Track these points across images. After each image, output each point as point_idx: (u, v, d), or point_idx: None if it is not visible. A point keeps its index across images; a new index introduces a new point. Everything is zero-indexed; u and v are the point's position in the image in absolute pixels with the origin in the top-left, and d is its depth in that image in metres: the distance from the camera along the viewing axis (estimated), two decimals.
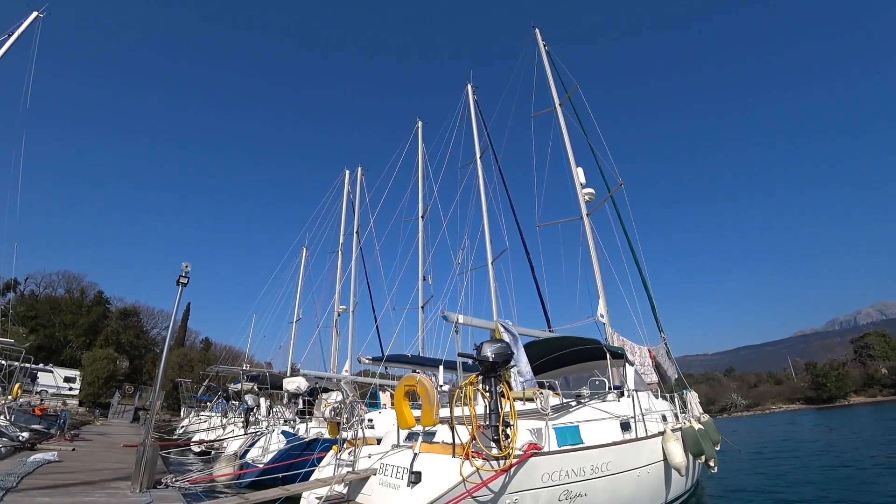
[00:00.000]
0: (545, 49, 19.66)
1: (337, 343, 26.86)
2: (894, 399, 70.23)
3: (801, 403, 79.38)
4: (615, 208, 15.49)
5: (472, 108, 21.51)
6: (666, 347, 13.22)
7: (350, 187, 31.72)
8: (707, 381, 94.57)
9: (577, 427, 7.52)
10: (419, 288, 20.94)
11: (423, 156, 25.02)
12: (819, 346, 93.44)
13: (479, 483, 5.85)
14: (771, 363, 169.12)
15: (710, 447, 10.29)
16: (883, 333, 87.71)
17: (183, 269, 13.64)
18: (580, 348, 11.90)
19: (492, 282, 16.44)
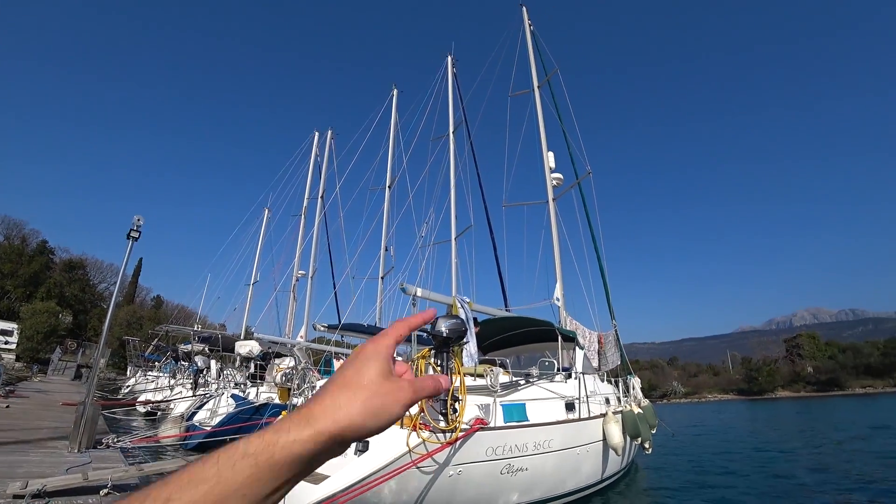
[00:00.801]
0: (530, 28, 19.42)
1: (294, 308, 26.49)
2: (815, 395, 75.90)
3: (734, 394, 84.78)
4: (581, 195, 15.78)
5: (450, 81, 21.16)
6: (616, 333, 13.74)
7: (318, 150, 30.79)
8: (651, 368, 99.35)
9: (523, 405, 7.78)
10: (380, 258, 20.78)
11: (395, 125, 24.54)
12: (756, 342, 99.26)
13: (425, 454, 6.02)
14: (712, 355, 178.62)
15: (647, 430, 10.90)
16: (813, 335, 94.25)
17: (135, 222, 13.07)
18: (534, 329, 12.22)
19: (453, 257, 16.52)
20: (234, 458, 0.39)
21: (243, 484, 0.38)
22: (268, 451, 0.40)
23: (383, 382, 0.47)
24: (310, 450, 0.42)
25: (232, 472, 0.38)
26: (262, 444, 0.40)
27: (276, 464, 0.40)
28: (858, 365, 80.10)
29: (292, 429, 0.42)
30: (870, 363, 79.34)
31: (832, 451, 15.41)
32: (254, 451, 0.40)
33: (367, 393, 0.46)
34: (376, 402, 0.46)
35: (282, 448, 0.41)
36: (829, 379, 79.69)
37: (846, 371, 79.72)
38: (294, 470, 0.42)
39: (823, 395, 75.86)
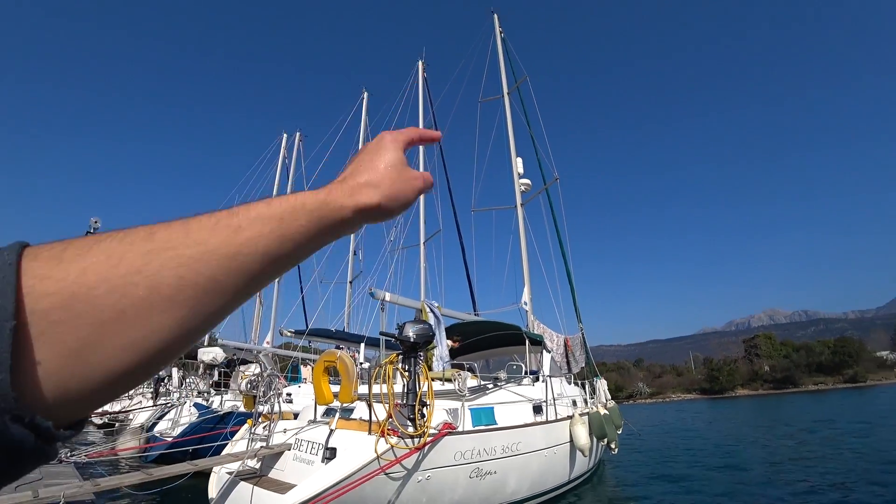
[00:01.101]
0: (501, 35, 19.64)
1: (260, 313, 25.92)
2: (772, 393, 79.15)
3: (697, 394, 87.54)
4: (549, 201, 16.05)
5: (420, 86, 21.22)
6: (583, 337, 13.98)
7: (286, 152, 30.33)
8: (618, 370, 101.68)
9: (491, 408, 7.84)
10: (349, 262, 20.59)
11: (365, 128, 24.44)
12: (717, 343, 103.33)
13: (393, 460, 5.97)
14: (675, 356, 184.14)
15: (613, 431, 11.13)
16: (770, 336, 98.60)
17: (91, 224, 12.56)
18: (502, 333, 12.34)
19: (422, 262, 16.54)
20: (295, 207, 0.42)
21: (297, 232, 0.41)
22: (321, 210, 0.44)
23: (403, 170, 0.53)
24: (348, 218, 0.46)
25: (293, 218, 0.41)
26: (317, 202, 0.44)
27: (325, 223, 0.44)
28: (811, 363, 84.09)
29: (340, 197, 0.46)
30: (821, 361, 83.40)
31: (782, 443, 16.14)
32: (311, 207, 0.43)
33: (392, 176, 0.51)
34: (398, 186, 0.51)
35: (331, 210, 0.44)
36: (784, 377, 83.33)
37: (800, 369, 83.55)
38: (332, 233, 0.46)
39: (779, 392, 79.19)
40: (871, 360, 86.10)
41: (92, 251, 0.31)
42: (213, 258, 0.35)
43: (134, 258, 0.32)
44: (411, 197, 0.53)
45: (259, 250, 0.38)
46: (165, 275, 0.32)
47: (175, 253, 0.33)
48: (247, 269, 0.37)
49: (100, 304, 0.29)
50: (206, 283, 0.34)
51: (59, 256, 0.30)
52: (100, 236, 0.33)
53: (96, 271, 0.30)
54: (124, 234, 0.33)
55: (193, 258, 0.34)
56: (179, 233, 0.35)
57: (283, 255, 0.40)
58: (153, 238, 0.34)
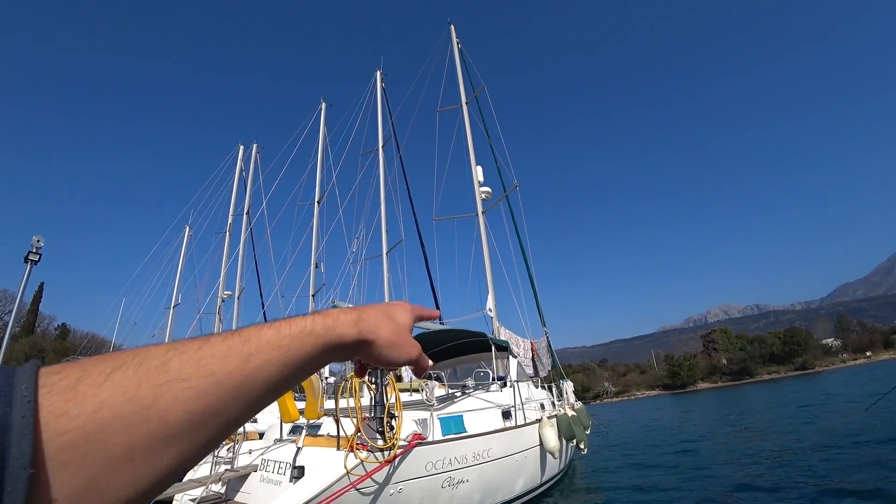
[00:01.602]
0: (458, 46, 19.84)
1: (220, 330, 25.01)
2: (731, 384, 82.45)
3: (661, 390, 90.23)
4: (509, 208, 16.25)
5: (379, 96, 21.15)
6: (547, 340, 14.18)
7: (243, 164, 29.49)
8: (584, 371, 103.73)
9: (461, 416, 7.83)
10: (311, 275, 20.17)
11: (324, 139, 24.09)
12: (677, 340, 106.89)
13: (364, 475, 5.88)
14: (639, 355, 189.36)
15: (581, 431, 11.32)
16: (725, 330, 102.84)
17: (34, 243, 11.81)
18: (468, 340, 12.37)
19: (385, 272, 16.40)
20: (302, 333, 0.43)
21: (301, 358, 0.43)
22: (327, 336, 0.45)
23: (408, 334, 0.57)
24: (348, 346, 0.48)
25: (300, 345, 0.42)
26: (323, 327, 0.45)
27: (327, 348, 0.46)
28: (764, 354, 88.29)
29: (343, 321, 0.48)
30: (773, 352, 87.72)
31: (738, 432, 16.84)
32: (318, 331, 0.45)
33: (399, 333, 0.55)
34: (399, 342, 0.54)
35: (336, 336, 0.46)
36: (740, 368, 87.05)
37: (754, 360, 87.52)
38: (331, 357, 0.47)
39: (737, 383, 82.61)
40: (817, 347, 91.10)
41: (107, 385, 0.30)
42: (223, 389, 0.36)
43: (147, 393, 0.32)
44: (403, 358, 0.56)
45: (264, 378, 0.39)
46: (176, 409, 0.33)
47: (187, 385, 0.34)
48: (251, 397, 0.38)
49: (111, 441, 0.29)
50: (212, 414, 0.35)
51: (74, 388, 0.29)
52: (116, 360, 0.33)
53: (111, 407, 0.30)
54: (139, 360, 0.33)
55: (204, 390, 0.35)
56: (192, 362, 0.35)
57: (284, 379, 0.41)
58: (167, 369, 0.34)
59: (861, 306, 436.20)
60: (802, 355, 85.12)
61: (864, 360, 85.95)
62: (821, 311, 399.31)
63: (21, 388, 0.27)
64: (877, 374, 42.70)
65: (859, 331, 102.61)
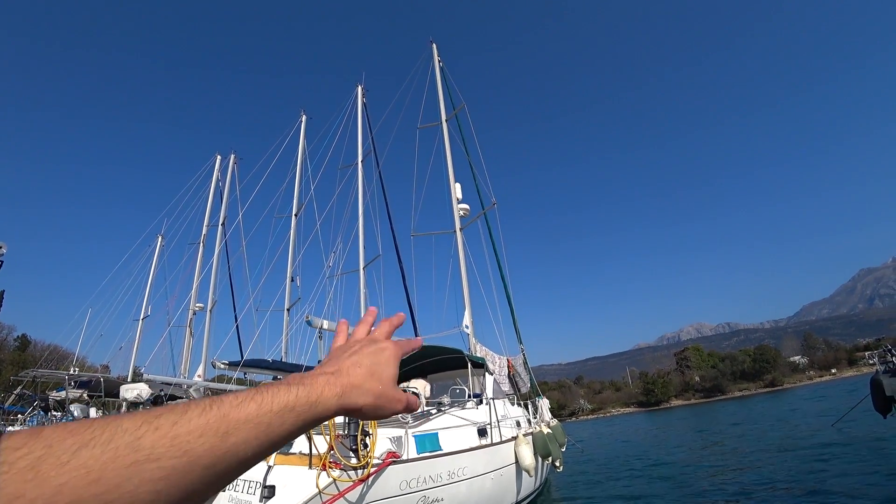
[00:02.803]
0: (439, 64, 20.11)
1: (190, 345, 24.31)
2: (703, 401, 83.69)
3: (635, 407, 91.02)
4: (487, 225, 16.38)
5: (359, 110, 21.18)
6: (524, 357, 14.24)
7: (220, 174, 29.04)
8: (559, 388, 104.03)
9: (436, 434, 7.76)
10: (286, 289, 19.84)
11: (303, 151, 23.94)
12: (651, 357, 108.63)
13: (336, 494, 5.76)
14: (614, 372, 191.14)
15: (557, 449, 11.32)
16: (698, 348, 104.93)
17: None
18: (444, 357, 12.32)
19: (362, 287, 16.27)
20: (283, 411, 0.42)
21: (280, 435, 0.42)
22: (309, 412, 0.44)
23: (393, 387, 0.55)
24: (328, 416, 0.48)
25: (280, 423, 0.41)
26: (306, 404, 0.44)
27: (308, 423, 0.45)
28: (735, 371, 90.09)
29: (326, 395, 0.47)
30: (744, 369, 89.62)
31: (708, 448, 17.11)
32: (300, 408, 0.43)
33: (382, 390, 0.53)
34: (383, 401, 0.53)
35: (318, 412, 0.45)
36: (712, 386, 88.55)
37: (726, 378, 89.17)
38: (311, 427, 0.47)
39: (709, 400, 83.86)
40: (785, 365, 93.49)
41: (71, 464, 0.28)
42: (196, 469, 0.34)
43: (115, 474, 0.29)
44: (389, 414, 0.56)
45: (239, 456, 0.38)
46: (143, 490, 0.30)
47: (157, 465, 0.32)
48: (222, 475, 0.37)
49: None
50: (180, 493, 0.33)
51: (35, 468, 0.27)
52: (84, 433, 0.30)
53: (72, 490, 0.27)
54: (109, 435, 0.31)
55: (176, 470, 0.33)
56: (166, 440, 0.33)
57: (259, 456, 0.40)
58: (139, 446, 0.31)
59: (826, 325, 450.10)
60: (772, 372, 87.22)
61: (830, 376, 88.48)
62: (788, 329, 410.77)
63: None
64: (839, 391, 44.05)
65: (825, 349, 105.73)
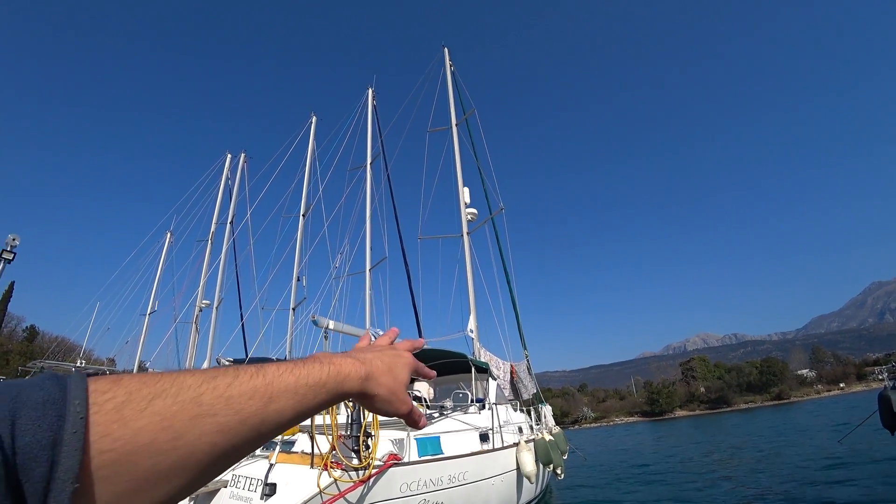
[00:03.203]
0: (451, 68, 20.22)
1: (196, 341, 24.46)
2: (708, 413, 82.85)
3: (639, 416, 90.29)
4: (494, 230, 16.42)
5: (369, 113, 21.31)
6: (528, 363, 14.21)
7: (230, 173, 29.28)
8: (563, 396, 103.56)
9: (437, 438, 7.76)
10: (292, 288, 19.93)
11: (312, 152, 24.08)
12: (656, 367, 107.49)
13: (337, 494, 5.78)
14: (618, 381, 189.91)
15: (559, 456, 11.27)
16: (704, 358, 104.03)
17: (9, 241, 11.56)
18: (448, 361, 12.31)
19: (368, 289, 16.32)
20: (318, 384, 0.48)
21: (311, 405, 0.47)
22: (337, 389, 0.50)
23: (404, 390, 0.61)
24: (352, 394, 0.53)
25: (314, 396, 0.47)
26: (336, 382, 0.50)
27: (334, 397, 0.50)
28: (741, 383, 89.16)
29: (353, 376, 0.53)
30: (750, 381, 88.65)
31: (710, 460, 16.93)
32: (331, 386, 0.49)
33: (395, 390, 0.59)
34: (394, 397, 0.59)
35: (345, 390, 0.52)
36: (718, 397, 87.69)
37: (732, 389, 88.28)
38: (333, 403, 0.52)
39: (714, 411, 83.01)
40: (793, 378, 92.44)
41: (147, 411, 0.33)
42: (245, 427, 0.40)
43: (180, 424, 0.35)
44: (394, 412, 0.61)
45: (278, 420, 0.43)
46: (203, 441, 0.36)
47: (215, 420, 0.37)
48: (264, 435, 0.43)
49: (143, 464, 0.32)
50: (231, 447, 0.39)
51: (119, 411, 0.32)
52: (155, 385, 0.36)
53: (149, 433, 0.33)
54: (177, 390, 0.36)
55: (230, 426, 0.38)
56: (222, 399, 0.39)
57: (293, 421, 0.46)
58: (200, 402, 0.37)
59: (835, 338, 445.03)
60: (778, 385, 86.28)
61: (838, 391, 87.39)
62: (796, 342, 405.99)
63: (74, 404, 0.30)
64: (849, 405, 43.47)
65: (833, 363, 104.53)
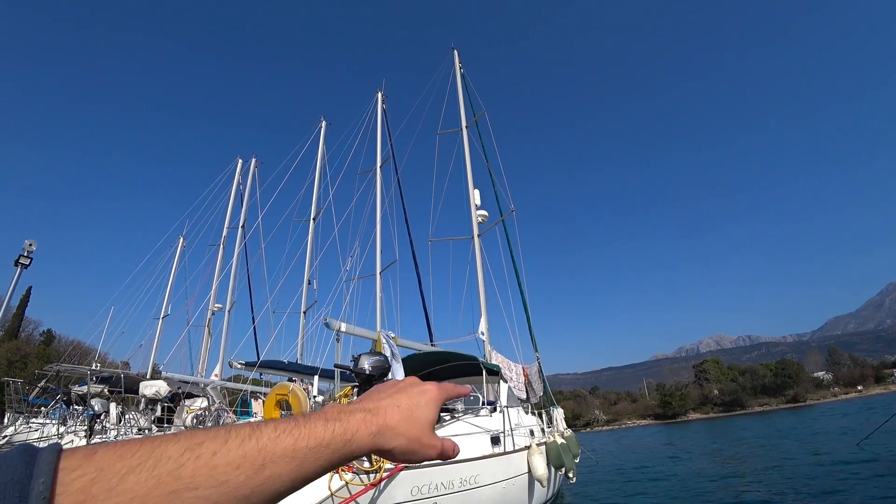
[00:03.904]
0: (461, 71, 20.22)
1: (208, 344, 24.71)
2: (722, 415, 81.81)
3: (652, 419, 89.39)
4: (505, 232, 16.35)
5: (379, 116, 21.36)
6: (539, 366, 14.09)
7: (241, 178, 29.65)
8: (574, 398, 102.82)
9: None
10: (303, 292, 20.03)
11: (322, 156, 24.24)
12: (668, 369, 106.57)
13: (348, 497, 5.77)
14: (630, 383, 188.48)
15: (571, 460, 11.16)
16: (717, 360, 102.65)
17: (26, 247, 11.75)
18: (459, 363, 12.26)
19: (378, 292, 16.34)
20: (319, 447, 0.42)
21: (312, 470, 0.42)
22: (343, 450, 0.45)
23: (429, 433, 0.54)
24: (361, 455, 0.47)
25: (315, 459, 0.42)
26: (342, 441, 0.44)
27: (341, 461, 0.45)
28: (756, 385, 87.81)
29: (361, 434, 0.46)
30: (765, 383, 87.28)
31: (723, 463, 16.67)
32: (336, 445, 0.44)
33: (416, 435, 0.52)
34: (416, 446, 0.52)
35: (352, 451, 0.45)
36: (732, 400, 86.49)
37: (746, 392, 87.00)
38: (341, 464, 0.47)
39: (728, 414, 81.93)
40: (809, 380, 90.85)
41: (119, 488, 0.31)
42: (230, 499, 0.36)
43: (157, 500, 0.32)
44: (421, 460, 0.54)
45: (273, 489, 0.39)
46: None
47: (196, 495, 0.34)
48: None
49: None
50: None
51: (87, 491, 0.30)
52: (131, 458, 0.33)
53: None
54: (154, 462, 0.33)
55: (212, 500, 0.35)
56: (205, 469, 0.35)
57: (291, 489, 0.41)
58: (179, 475, 0.34)
59: (852, 340, 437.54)
60: (794, 388, 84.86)
61: (856, 394, 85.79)
62: (812, 343, 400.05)
63: (39, 482, 0.29)
64: (867, 408, 42.63)
65: (850, 365, 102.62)
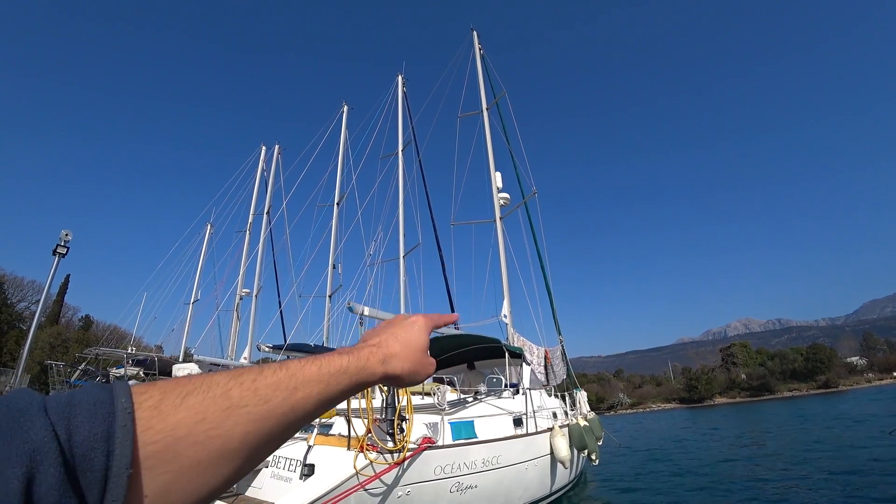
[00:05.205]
0: (480, 52, 19.86)
1: (237, 328, 25.34)
2: (749, 400, 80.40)
3: (677, 403, 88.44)
4: (527, 214, 16.18)
5: (399, 100, 21.26)
6: (562, 349, 14.03)
7: (265, 164, 30.00)
8: (598, 381, 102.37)
9: (471, 422, 7.81)
10: (328, 276, 20.29)
11: (344, 141, 24.29)
12: (695, 353, 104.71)
13: (373, 476, 5.91)
14: (654, 367, 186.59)
15: (593, 442, 11.17)
16: (745, 344, 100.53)
17: (62, 237, 12.23)
18: (482, 346, 12.31)
19: (402, 275, 16.46)
20: (339, 371, 0.50)
21: (335, 392, 0.49)
22: (359, 375, 0.52)
23: (424, 354, 0.63)
24: (375, 380, 0.55)
25: (337, 383, 0.49)
26: (357, 367, 0.52)
27: (358, 383, 0.52)
28: (785, 370, 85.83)
29: (372, 362, 0.55)
30: (795, 368, 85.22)
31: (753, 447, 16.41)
32: (352, 371, 0.51)
33: (418, 361, 0.62)
34: (418, 367, 0.62)
35: (367, 375, 0.53)
36: (760, 384, 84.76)
37: (775, 376, 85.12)
38: (359, 389, 0.54)
39: (756, 399, 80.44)
40: (842, 366, 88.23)
41: (182, 406, 0.37)
42: (274, 416, 0.43)
43: (214, 415, 0.39)
44: (423, 378, 0.64)
45: (305, 408, 0.46)
46: (237, 430, 0.40)
47: (246, 411, 0.41)
48: (293, 423, 0.46)
49: (183, 454, 0.36)
50: (263, 437, 0.42)
51: (157, 407, 0.36)
52: (187, 385, 0.40)
53: (185, 426, 0.37)
54: (206, 387, 0.40)
55: (260, 416, 0.42)
56: (249, 391, 0.42)
57: (320, 409, 0.48)
58: (229, 396, 0.41)
59: (889, 324, 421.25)
60: (826, 373, 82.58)
61: (892, 380, 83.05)
62: (846, 328, 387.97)
63: (122, 401, 0.35)
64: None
65: (886, 350, 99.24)
